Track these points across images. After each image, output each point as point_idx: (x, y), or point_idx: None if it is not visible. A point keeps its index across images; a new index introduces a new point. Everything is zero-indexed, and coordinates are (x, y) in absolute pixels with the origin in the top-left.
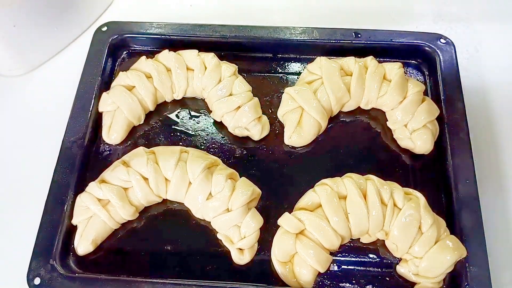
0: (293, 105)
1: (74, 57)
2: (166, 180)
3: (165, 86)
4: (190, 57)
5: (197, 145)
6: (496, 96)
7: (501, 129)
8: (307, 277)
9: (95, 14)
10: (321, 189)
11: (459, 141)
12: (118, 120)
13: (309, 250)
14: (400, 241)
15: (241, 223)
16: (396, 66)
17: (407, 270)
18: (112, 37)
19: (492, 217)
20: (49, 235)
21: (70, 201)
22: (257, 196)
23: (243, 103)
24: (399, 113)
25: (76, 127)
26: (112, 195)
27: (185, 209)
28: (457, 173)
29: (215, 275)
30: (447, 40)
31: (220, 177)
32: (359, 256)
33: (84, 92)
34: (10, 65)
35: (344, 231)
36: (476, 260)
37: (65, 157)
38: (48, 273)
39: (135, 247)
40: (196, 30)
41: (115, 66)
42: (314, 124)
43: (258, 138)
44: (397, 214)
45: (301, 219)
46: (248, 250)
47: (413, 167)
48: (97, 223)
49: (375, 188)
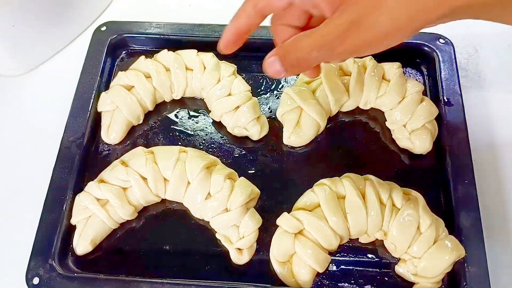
0: (292, 105)
1: (73, 57)
2: (165, 180)
3: (164, 86)
4: (189, 57)
5: (196, 145)
6: (495, 96)
7: (501, 129)
8: (305, 277)
9: (94, 13)
10: (319, 189)
11: (458, 141)
12: (117, 120)
13: (308, 250)
14: (398, 241)
15: (240, 223)
16: (395, 66)
17: (406, 270)
18: (111, 36)
19: (491, 217)
20: (48, 235)
21: (69, 201)
22: (256, 196)
23: (242, 103)
24: (398, 113)
25: (75, 127)
26: (111, 194)
27: (184, 209)
28: (456, 173)
29: (214, 275)
30: (446, 40)
31: (219, 177)
32: (357, 256)
33: (83, 92)
34: (9, 65)
35: (342, 231)
36: (475, 260)
37: (64, 156)
38: (47, 272)
39: (134, 247)
40: (195, 30)
41: (114, 65)
42: (313, 124)
43: (257, 138)
44: (396, 214)
45: (299, 219)
46: (247, 250)
47: (412, 167)
48: (96, 223)
49: (374, 188)
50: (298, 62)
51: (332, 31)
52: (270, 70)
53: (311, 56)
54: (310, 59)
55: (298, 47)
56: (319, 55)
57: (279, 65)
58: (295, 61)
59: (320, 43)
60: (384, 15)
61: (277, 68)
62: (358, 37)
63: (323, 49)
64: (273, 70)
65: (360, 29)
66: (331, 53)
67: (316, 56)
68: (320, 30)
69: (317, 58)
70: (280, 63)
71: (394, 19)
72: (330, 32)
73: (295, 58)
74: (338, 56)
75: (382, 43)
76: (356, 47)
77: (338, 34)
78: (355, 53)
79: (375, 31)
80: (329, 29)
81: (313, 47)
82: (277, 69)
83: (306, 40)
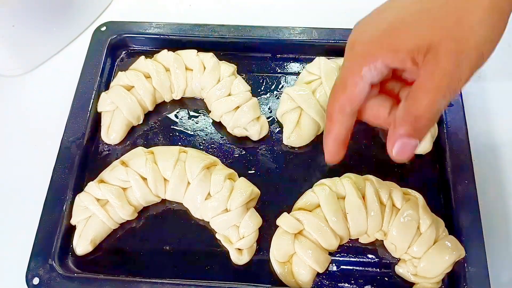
0: (292, 105)
1: (73, 57)
2: (165, 180)
3: (164, 86)
4: (189, 57)
5: (196, 145)
6: (495, 97)
7: (500, 129)
8: (305, 277)
9: (94, 14)
10: (319, 189)
11: (458, 142)
12: (117, 120)
13: (308, 250)
14: (398, 241)
15: (240, 223)
16: None
17: (406, 270)
18: (111, 37)
19: (491, 217)
20: (48, 235)
21: (69, 201)
22: (256, 196)
23: (242, 103)
24: None
25: (75, 127)
26: (111, 195)
27: (184, 209)
28: (456, 173)
29: (214, 275)
30: None
31: (219, 177)
32: (357, 256)
33: (83, 92)
34: (9, 65)
35: (342, 231)
36: (475, 260)
37: (64, 157)
38: (47, 273)
39: (134, 247)
40: (195, 30)
41: (114, 66)
42: (313, 124)
43: (257, 138)
44: (396, 214)
45: (299, 219)
46: (247, 250)
47: (412, 167)
48: (96, 223)
49: (374, 188)
50: (429, 123)
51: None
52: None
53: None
54: (438, 111)
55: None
56: (446, 100)
57: (413, 141)
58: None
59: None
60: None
61: (412, 146)
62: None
63: (447, 93)
64: (410, 151)
65: (468, 53)
66: (455, 90)
67: (444, 103)
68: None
69: (445, 104)
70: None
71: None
72: (442, 76)
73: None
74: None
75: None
76: (474, 68)
77: (452, 72)
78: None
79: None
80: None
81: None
82: (413, 146)
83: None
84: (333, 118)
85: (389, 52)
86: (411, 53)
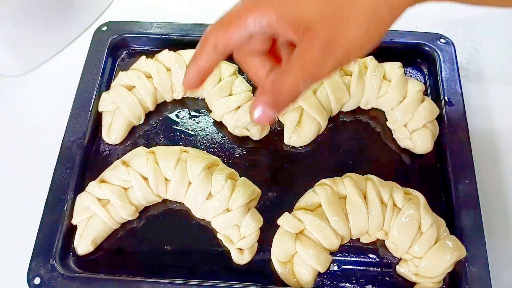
0: (293, 105)
1: (74, 57)
2: (166, 180)
3: (165, 86)
4: (190, 56)
5: (197, 145)
6: (496, 96)
7: (501, 129)
8: (307, 277)
9: (95, 14)
10: (321, 189)
11: (459, 141)
12: (118, 120)
13: (309, 250)
14: (399, 241)
15: (241, 223)
16: (396, 66)
17: (407, 270)
18: (112, 36)
19: (492, 217)
20: (49, 235)
21: (70, 201)
22: (257, 196)
23: (243, 103)
24: (399, 113)
25: (76, 127)
26: (112, 195)
27: (185, 209)
28: (457, 173)
29: (215, 275)
30: (447, 40)
31: (220, 177)
32: (359, 256)
33: (84, 92)
34: (9, 65)
35: (344, 231)
36: (476, 260)
37: (65, 156)
38: (48, 273)
39: (135, 247)
40: (196, 29)
41: (115, 66)
42: (314, 124)
43: (258, 138)
44: (397, 214)
45: (301, 219)
46: (248, 250)
47: (413, 167)
48: (97, 223)
49: (375, 188)
50: (288, 100)
51: (310, 60)
52: (263, 120)
53: (299, 89)
54: (298, 92)
55: (283, 88)
56: (306, 85)
57: (271, 112)
58: (285, 101)
59: (303, 76)
60: (354, 28)
61: (270, 115)
62: (336, 55)
63: (308, 79)
64: (266, 119)
65: (336, 48)
66: (316, 79)
67: (304, 86)
68: (296, 62)
69: (304, 87)
70: (271, 109)
71: (364, 29)
72: (308, 62)
73: (284, 99)
74: (324, 77)
75: (360, 53)
76: (337, 64)
77: (317, 61)
78: (338, 68)
79: (350, 45)
80: (306, 59)
81: (297, 82)
82: (270, 116)
83: (287, 78)
84: (204, 49)
85: (275, 13)
86: (293, 24)
